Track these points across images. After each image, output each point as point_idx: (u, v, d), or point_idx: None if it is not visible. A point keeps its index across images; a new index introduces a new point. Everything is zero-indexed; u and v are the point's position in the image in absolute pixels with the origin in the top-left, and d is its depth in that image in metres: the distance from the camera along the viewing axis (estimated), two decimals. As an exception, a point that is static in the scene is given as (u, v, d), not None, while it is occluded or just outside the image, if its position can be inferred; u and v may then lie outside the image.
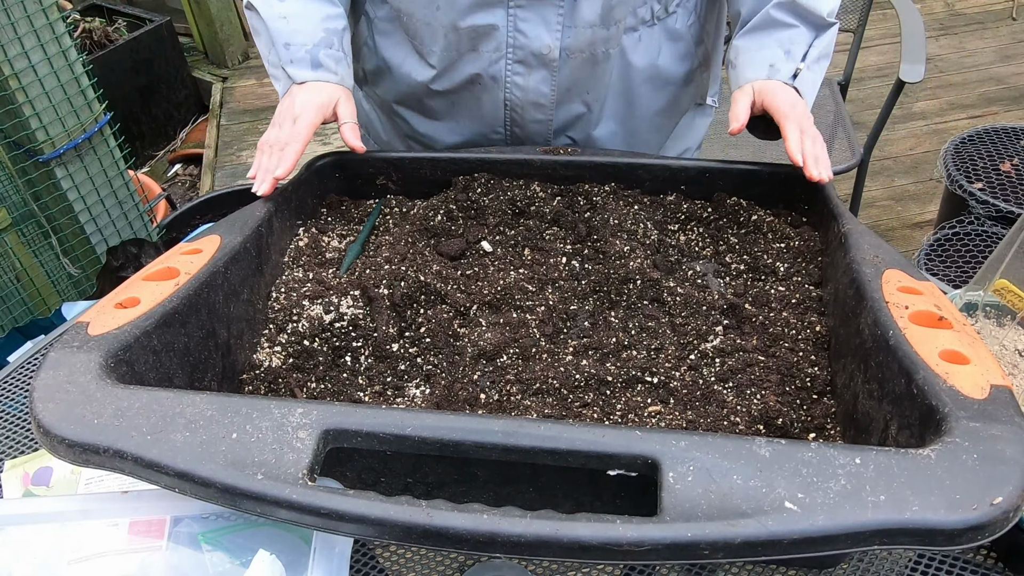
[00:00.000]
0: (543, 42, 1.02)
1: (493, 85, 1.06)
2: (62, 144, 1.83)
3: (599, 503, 0.71)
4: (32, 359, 1.09)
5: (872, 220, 2.60)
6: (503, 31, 1.01)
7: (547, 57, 1.03)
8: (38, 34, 1.72)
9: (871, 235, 0.81)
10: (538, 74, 1.05)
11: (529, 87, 1.06)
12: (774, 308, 0.86)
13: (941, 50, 3.36)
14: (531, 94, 1.07)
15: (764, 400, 0.76)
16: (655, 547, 0.51)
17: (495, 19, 1.01)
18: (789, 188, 0.96)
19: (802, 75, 0.97)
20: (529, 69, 1.04)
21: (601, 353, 0.82)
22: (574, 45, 1.02)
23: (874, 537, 0.51)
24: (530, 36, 1.02)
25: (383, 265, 0.90)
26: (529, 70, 1.04)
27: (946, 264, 1.90)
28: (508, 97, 1.07)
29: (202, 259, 0.79)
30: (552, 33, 1.01)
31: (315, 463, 0.57)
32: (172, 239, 2.10)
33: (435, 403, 0.78)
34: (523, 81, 1.05)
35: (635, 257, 0.90)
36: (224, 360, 0.80)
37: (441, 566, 0.79)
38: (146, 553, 0.67)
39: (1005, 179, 2.06)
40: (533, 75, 1.05)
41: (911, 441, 0.61)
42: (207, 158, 3.15)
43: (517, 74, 1.05)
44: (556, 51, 1.02)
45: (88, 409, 0.60)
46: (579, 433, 0.57)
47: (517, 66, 1.04)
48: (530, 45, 1.02)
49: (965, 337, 0.65)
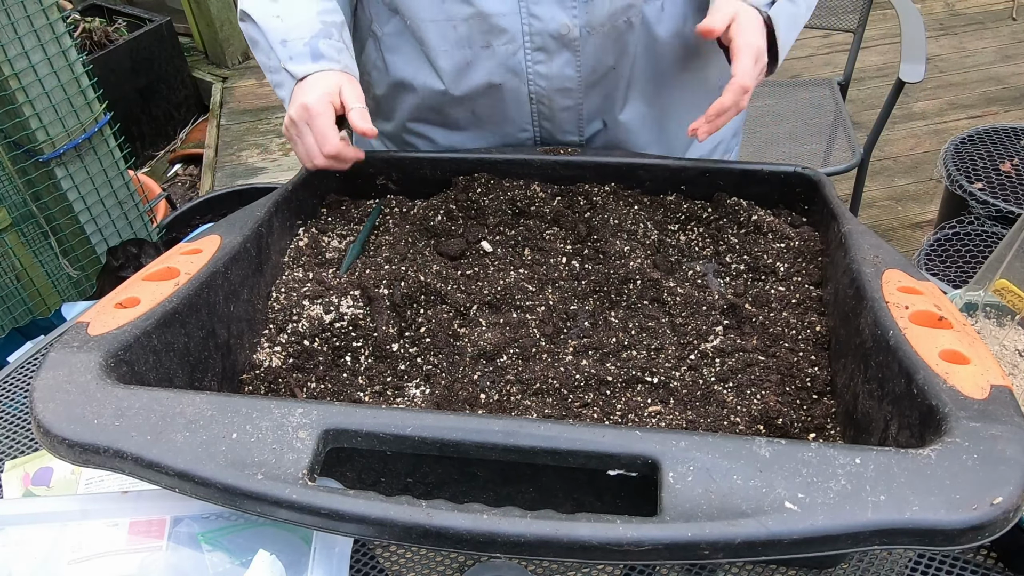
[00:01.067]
0: (560, 22, 0.97)
1: (515, 80, 1.02)
2: (62, 144, 1.84)
3: (599, 503, 0.71)
4: (32, 359, 1.09)
5: (872, 220, 2.61)
6: (516, 18, 0.97)
7: (567, 37, 0.98)
8: (38, 34, 1.72)
9: (871, 235, 0.81)
10: (560, 58, 1.00)
11: (553, 74, 1.01)
12: (774, 308, 0.86)
13: (941, 50, 3.36)
14: (556, 81, 1.02)
15: (764, 400, 0.76)
16: (655, 547, 0.51)
17: (505, 7, 0.97)
18: (789, 188, 0.96)
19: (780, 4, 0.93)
20: (550, 55, 1.00)
21: (601, 353, 0.82)
22: (594, 20, 0.98)
23: (874, 537, 0.51)
24: (545, 18, 0.97)
25: (383, 265, 0.90)
26: (550, 56, 1.00)
27: (946, 264, 1.90)
28: (533, 90, 1.03)
29: (202, 259, 0.79)
30: (568, 11, 0.97)
31: (315, 463, 0.57)
32: (172, 239, 2.10)
33: (435, 403, 0.78)
34: (546, 69, 1.01)
35: (635, 257, 0.90)
36: (224, 360, 0.80)
37: (441, 566, 0.79)
38: (146, 553, 0.67)
39: (1005, 179, 2.06)
40: (555, 60, 1.00)
41: (911, 441, 0.61)
42: (207, 158, 3.16)
43: (539, 63, 1.00)
44: (576, 29, 0.97)
45: (88, 409, 0.60)
46: (579, 433, 0.57)
47: (537, 54, 1.00)
48: (546, 28, 0.98)
49: (965, 337, 0.65)
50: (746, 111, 1.20)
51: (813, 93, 2.29)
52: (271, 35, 0.96)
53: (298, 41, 0.95)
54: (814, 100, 2.27)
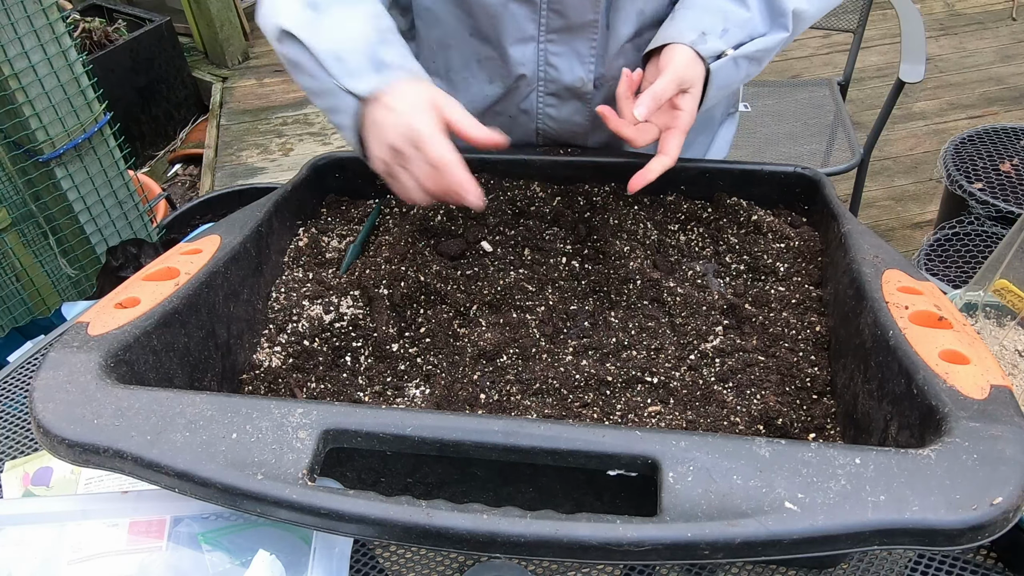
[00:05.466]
0: (576, 75, 0.97)
1: (524, 117, 1.03)
2: (62, 144, 1.84)
3: (599, 503, 0.71)
4: (32, 359, 1.09)
5: (872, 220, 2.61)
6: (533, 66, 0.97)
7: (580, 90, 0.99)
8: (38, 34, 1.72)
9: (871, 235, 0.81)
10: (571, 106, 1.01)
11: (562, 118, 1.02)
12: (774, 308, 0.86)
13: (941, 50, 3.36)
14: (565, 124, 1.03)
15: (764, 400, 0.76)
16: (655, 547, 0.51)
17: (525, 55, 0.96)
18: (789, 188, 0.96)
19: (723, 62, 0.88)
20: (562, 101, 1.00)
21: (601, 353, 0.82)
22: (608, 74, 0.98)
23: (874, 537, 0.51)
24: (562, 70, 0.97)
25: (383, 265, 0.90)
26: (562, 102, 1.00)
27: (946, 264, 1.90)
28: (541, 128, 1.04)
29: (202, 259, 0.79)
30: (585, 66, 0.96)
31: (315, 463, 0.57)
32: (172, 239, 2.10)
33: (435, 403, 0.78)
34: (556, 112, 1.01)
35: (635, 257, 0.90)
36: (224, 360, 0.80)
37: (441, 566, 0.79)
38: (146, 553, 0.67)
39: (1005, 179, 2.06)
40: (566, 107, 1.01)
41: (911, 441, 0.61)
42: (207, 158, 3.16)
43: (550, 106, 1.01)
44: (590, 84, 0.98)
45: (88, 409, 0.60)
46: (579, 433, 0.57)
47: (550, 98, 1.00)
48: (562, 79, 0.98)
49: (965, 337, 0.65)
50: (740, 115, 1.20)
51: (813, 93, 2.29)
52: (323, 55, 0.81)
53: (355, 54, 0.81)
54: (814, 100, 2.27)
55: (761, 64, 0.94)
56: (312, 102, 0.87)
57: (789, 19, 0.91)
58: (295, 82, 0.87)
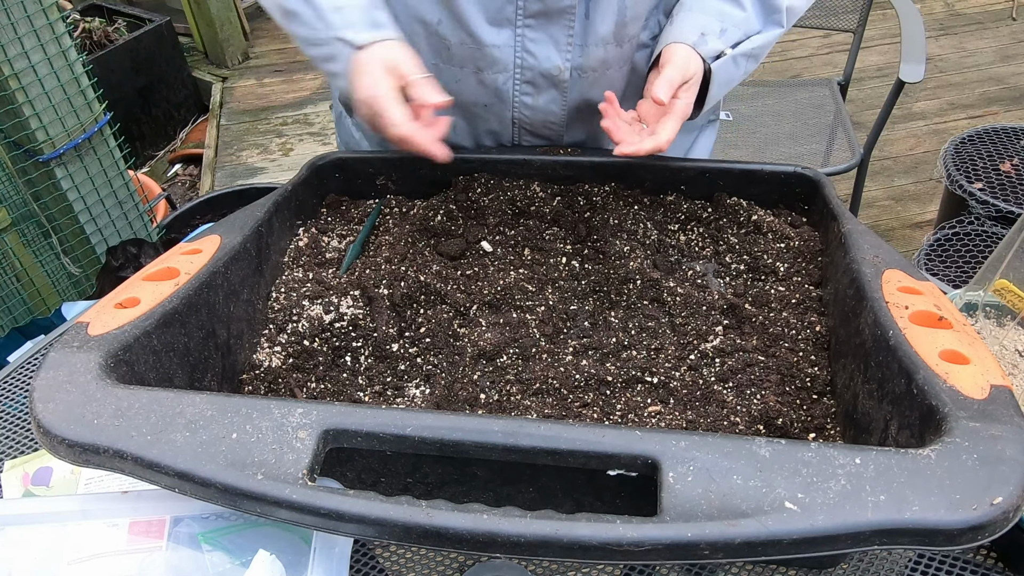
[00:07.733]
0: (553, 63, 0.97)
1: (500, 105, 1.02)
2: (62, 144, 1.84)
3: (599, 503, 0.71)
4: (32, 359, 1.09)
5: (872, 220, 2.61)
6: (510, 51, 0.97)
7: (557, 78, 0.98)
8: (38, 34, 1.72)
9: (871, 235, 0.81)
10: (547, 94, 1.00)
11: (538, 107, 1.01)
12: (774, 308, 0.86)
13: (941, 50, 3.36)
14: (540, 113, 1.02)
15: (764, 400, 0.76)
16: (655, 547, 0.51)
17: (500, 39, 0.96)
18: (789, 188, 0.96)
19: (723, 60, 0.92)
20: (538, 89, 1.00)
21: (601, 353, 0.82)
22: (586, 64, 0.98)
23: (874, 537, 0.51)
24: (539, 57, 0.97)
25: (383, 265, 0.90)
26: (538, 90, 1.00)
27: (946, 264, 1.90)
28: (516, 116, 1.03)
29: (202, 259, 0.79)
30: (562, 53, 0.96)
31: (315, 463, 0.57)
32: (172, 239, 2.10)
33: (435, 403, 0.78)
34: (532, 101, 1.01)
35: (635, 257, 0.90)
36: (224, 360, 0.80)
37: (441, 566, 0.79)
38: (146, 553, 0.67)
39: (1005, 179, 2.06)
40: (542, 95, 1.00)
41: (911, 441, 0.61)
42: (207, 158, 3.16)
43: (526, 94, 1.00)
44: (566, 72, 0.98)
45: (88, 409, 0.60)
46: (579, 433, 0.57)
47: (525, 86, 1.00)
48: (539, 66, 0.97)
49: (965, 337, 0.65)
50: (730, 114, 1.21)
51: (813, 93, 2.29)
52: (321, 3, 0.89)
53: (354, 8, 0.89)
54: (814, 100, 2.27)
55: (758, 60, 0.96)
56: (303, 51, 0.93)
57: (783, 15, 0.94)
58: (284, 30, 0.94)
